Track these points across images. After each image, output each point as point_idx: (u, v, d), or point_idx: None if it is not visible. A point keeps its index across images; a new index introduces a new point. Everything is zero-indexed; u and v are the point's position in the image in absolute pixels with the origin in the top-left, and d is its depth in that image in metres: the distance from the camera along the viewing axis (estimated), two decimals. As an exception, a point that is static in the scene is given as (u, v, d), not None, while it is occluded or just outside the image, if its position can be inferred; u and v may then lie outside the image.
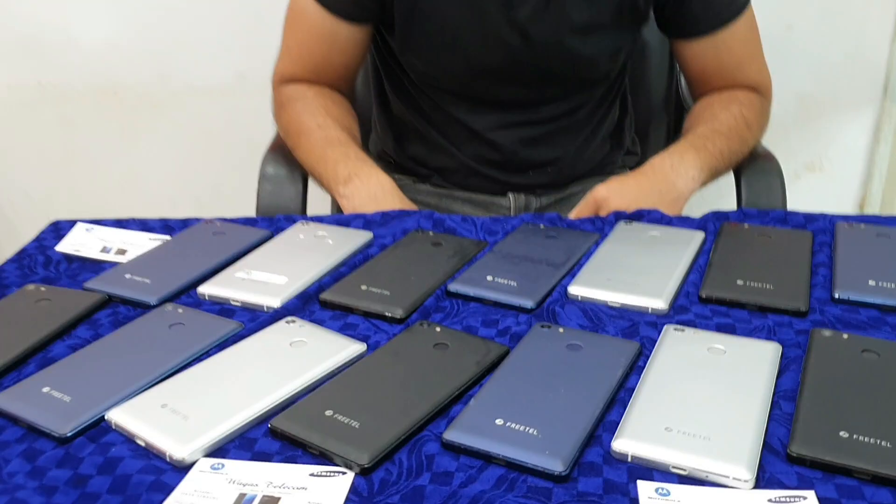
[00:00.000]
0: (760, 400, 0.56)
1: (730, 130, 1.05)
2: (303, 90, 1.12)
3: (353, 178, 0.98)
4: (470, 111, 1.12)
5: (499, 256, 0.78)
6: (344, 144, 1.03)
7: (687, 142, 1.02)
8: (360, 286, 0.72)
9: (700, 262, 0.77)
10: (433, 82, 1.10)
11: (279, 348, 0.63)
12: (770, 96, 1.16)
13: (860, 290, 0.70)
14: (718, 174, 1.04)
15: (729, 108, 1.08)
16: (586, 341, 0.63)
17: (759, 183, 1.12)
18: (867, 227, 0.81)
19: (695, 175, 0.98)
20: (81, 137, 1.75)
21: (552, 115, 1.13)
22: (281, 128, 1.13)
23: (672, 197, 0.96)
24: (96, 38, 1.65)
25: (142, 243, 0.83)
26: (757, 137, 1.12)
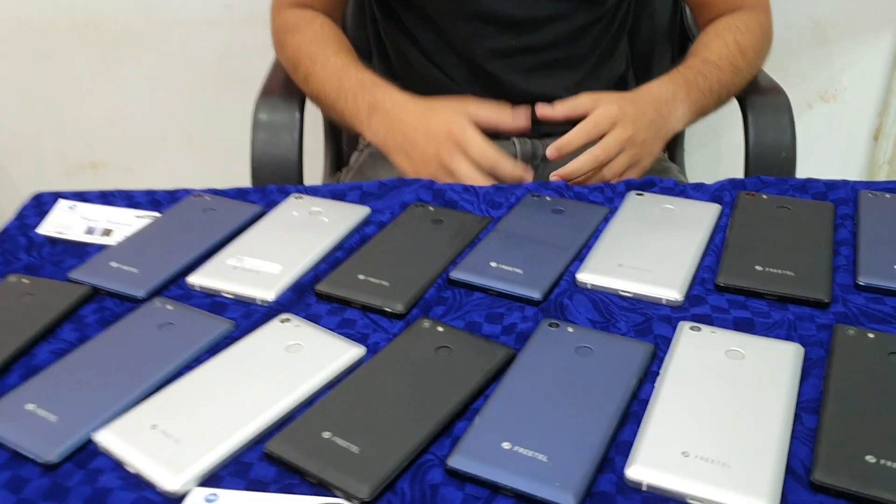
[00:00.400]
0: (782, 415, 0.53)
1: (721, 60, 1.01)
2: (309, 18, 1.09)
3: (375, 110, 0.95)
4: (468, 35, 1.06)
5: (503, 237, 0.74)
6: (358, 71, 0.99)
7: (680, 76, 0.98)
8: (357, 275, 0.69)
9: (716, 241, 0.73)
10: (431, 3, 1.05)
11: (274, 354, 0.60)
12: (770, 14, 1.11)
13: (884, 275, 0.66)
14: (707, 111, 1.02)
15: (723, 36, 1.04)
16: (596, 343, 0.60)
17: (766, 119, 1.08)
18: (892, 196, 0.77)
19: (682, 115, 0.96)
20: (64, 73, 1.67)
21: (551, 40, 1.07)
22: (287, 57, 1.08)
23: (663, 132, 0.94)
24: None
25: (128, 222, 0.79)
26: (754, 63, 1.06)
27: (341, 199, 0.82)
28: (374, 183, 0.84)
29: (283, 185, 0.85)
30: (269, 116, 1.08)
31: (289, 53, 1.07)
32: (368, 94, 0.97)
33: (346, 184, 0.84)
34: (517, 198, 0.81)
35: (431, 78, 1.10)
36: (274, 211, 0.79)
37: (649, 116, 0.91)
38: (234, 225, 0.77)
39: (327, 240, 0.74)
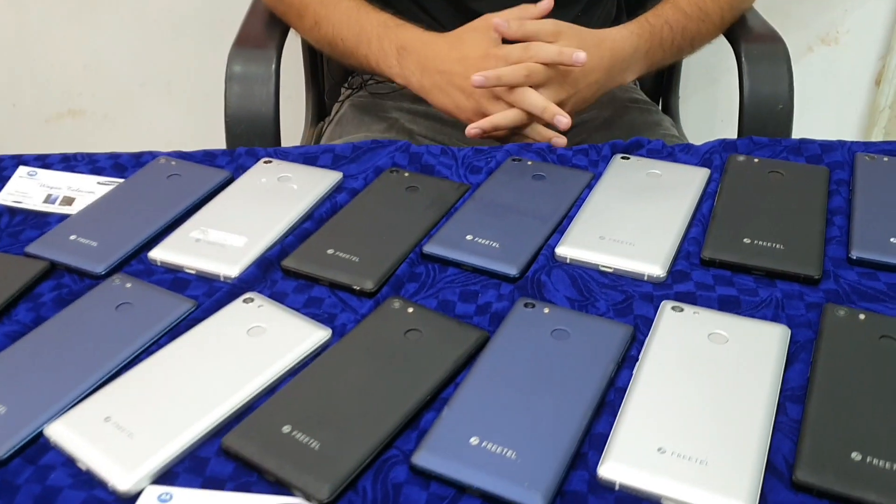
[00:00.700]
0: (765, 406, 0.50)
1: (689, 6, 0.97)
2: None
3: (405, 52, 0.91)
4: None
5: (480, 206, 0.70)
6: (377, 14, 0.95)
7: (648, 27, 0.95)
8: (325, 250, 0.66)
9: (703, 210, 0.69)
10: None
11: (235, 338, 0.57)
12: None
13: (879, 248, 0.63)
14: (667, 61, 0.99)
15: None
16: (573, 325, 0.57)
17: (763, 69, 1.03)
18: (890, 160, 0.73)
19: (636, 70, 0.94)
20: (38, 18, 1.61)
21: None
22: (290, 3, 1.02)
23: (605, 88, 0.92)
24: None
25: (90, 189, 0.76)
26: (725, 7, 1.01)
27: (313, 163, 0.78)
28: (348, 145, 0.80)
29: (252, 148, 0.81)
30: (243, 69, 1.03)
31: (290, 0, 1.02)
32: (395, 36, 0.92)
33: (319, 146, 0.81)
34: (497, 162, 0.77)
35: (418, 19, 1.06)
36: (241, 178, 0.76)
37: (601, 71, 0.88)
38: (199, 193, 0.74)
39: (296, 209, 0.71)
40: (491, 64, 0.86)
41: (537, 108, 0.85)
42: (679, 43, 0.97)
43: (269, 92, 1.03)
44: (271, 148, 0.81)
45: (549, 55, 0.84)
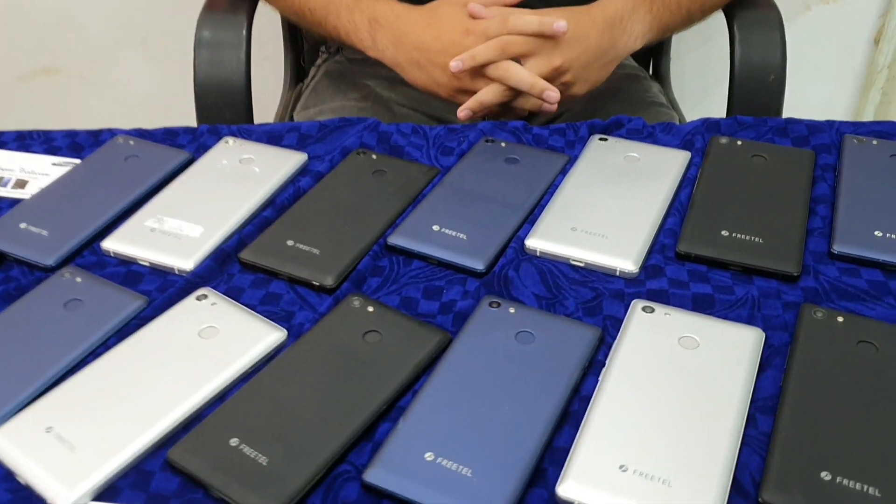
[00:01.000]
0: (734, 420, 0.48)
1: None
2: None
3: (377, 26, 0.87)
4: None
5: (448, 193, 0.67)
6: None
7: None
8: (285, 241, 0.63)
9: (682, 198, 0.66)
10: None
11: (186, 340, 0.55)
12: None
13: (863, 243, 0.60)
14: (674, 29, 0.94)
15: None
16: (539, 327, 0.55)
17: (755, 37, 0.99)
18: (880, 143, 0.70)
19: (641, 32, 0.88)
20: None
21: None
22: None
23: (608, 59, 0.87)
24: None
25: (45, 171, 0.73)
26: None
27: (278, 142, 0.75)
28: (315, 124, 0.77)
29: (215, 126, 0.77)
30: (212, 34, 0.99)
31: None
32: (366, 7, 0.88)
33: (284, 124, 0.77)
34: (469, 143, 0.74)
35: None
36: (202, 159, 0.72)
37: (593, 40, 0.83)
38: (157, 176, 0.70)
39: (256, 195, 0.68)
40: (470, 41, 0.82)
41: (524, 83, 0.81)
42: (688, 5, 0.92)
43: (240, 59, 0.99)
44: (235, 126, 0.77)
45: (529, 26, 0.80)
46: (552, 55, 0.82)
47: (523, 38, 0.81)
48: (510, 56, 0.81)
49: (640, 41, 0.90)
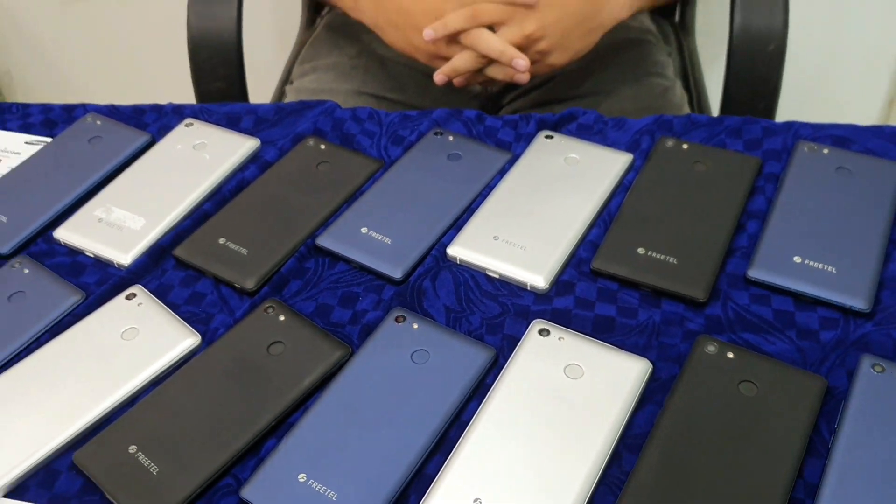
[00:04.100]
0: (595, 459, 0.50)
1: None
2: None
3: None
4: None
5: (385, 191, 0.68)
6: None
7: None
8: (217, 239, 0.66)
9: (612, 207, 0.66)
10: None
11: (108, 341, 0.59)
12: None
13: (779, 269, 0.59)
14: None
15: None
16: (436, 347, 0.57)
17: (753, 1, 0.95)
18: (830, 152, 0.68)
19: (627, 1, 0.87)
20: None
21: None
22: None
23: (590, 27, 0.86)
24: None
25: (17, 149, 0.77)
26: None
27: (235, 125, 0.77)
28: (272, 106, 0.78)
29: (179, 105, 0.80)
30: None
31: None
32: None
33: (242, 105, 0.79)
34: (420, 133, 0.74)
35: None
36: (158, 144, 0.75)
37: (572, 6, 0.81)
38: (115, 160, 0.74)
39: (201, 187, 0.70)
40: (449, 6, 0.82)
41: (494, 51, 0.81)
42: None
43: (231, 14, 1.00)
44: (198, 105, 0.79)
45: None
46: (524, 22, 0.81)
47: (495, 5, 0.80)
48: (482, 24, 0.81)
49: (627, 10, 0.88)
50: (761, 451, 0.50)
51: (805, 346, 0.56)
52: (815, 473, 0.49)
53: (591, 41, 0.87)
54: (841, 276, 0.58)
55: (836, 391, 0.53)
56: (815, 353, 0.55)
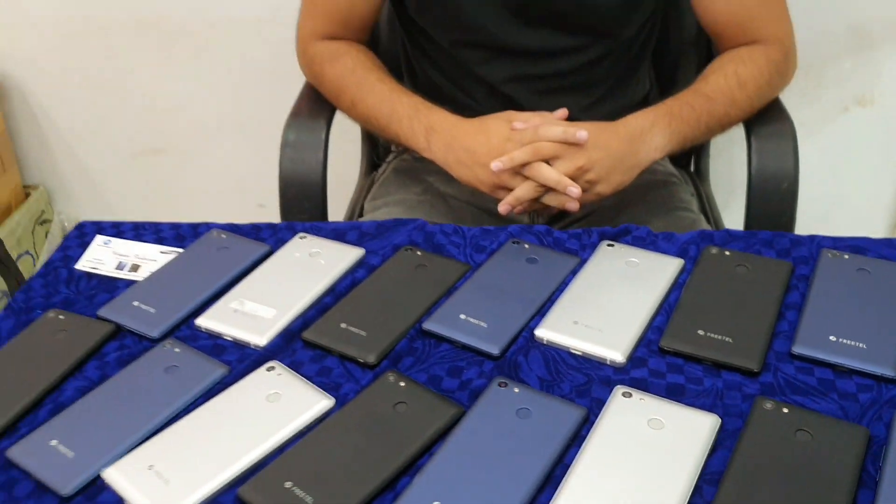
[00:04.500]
0: (682, 489, 0.60)
1: (715, 91, 1.05)
2: (343, 47, 1.17)
3: (433, 133, 1.05)
4: (484, 62, 1.14)
5: (476, 287, 0.81)
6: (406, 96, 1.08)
7: (665, 107, 1.04)
8: (339, 324, 0.78)
9: (671, 300, 0.79)
10: (447, 33, 1.13)
11: (256, 403, 0.70)
12: (787, 50, 1.12)
13: (818, 346, 0.71)
14: (695, 140, 1.06)
15: (724, 68, 1.08)
16: (537, 405, 0.68)
17: (769, 147, 1.11)
18: (851, 257, 0.81)
19: (661, 145, 1.02)
20: (127, 66, 1.79)
21: (568, 68, 1.14)
22: (328, 86, 1.16)
23: (629, 164, 1.01)
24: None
25: (153, 257, 0.90)
26: (755, 96, 1.09)
27: (342, 238, 0.91)
28: (373, 223, 0.92)
29: (292, 223, 0.94)
30: (296, 136, 1.17)
31: (330, 82, 1.15)
32: (424, 118, 1.05)
33: (347, 223, 0.93)
34: (499, 243, 0.88)
35: (453, 97, 1.18)
36: (278, 252, 0.88)
37: (614, 147, 0.97)
38: (242, 265, 0.87)
39: (320, 284, 0.83)
40: (510, 147, 0.98)
41: (551, 180, 0.96)
42: (706, 121, 1.05)
43: (318, 159, 1.16)
44: (308, 223, 0.93)
45: (555, 134, 0.96)
46: (576, 157, 0.97)
47: (552, 143, 0.96)
48: (542, 158, 0.97)
49: (661, 152, 1.03)
50: (820, 484, 0.60)
51: (846, 405, 0.67)
52: (866, 502, 0.59)
53: (631, 176, 1.02)
54: (871, 350, 0.70)
55: (876, 438, 0.64)
56: (854, 411, 0.66)
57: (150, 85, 1.81)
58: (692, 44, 1.33)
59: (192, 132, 1.86)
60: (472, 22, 1.10)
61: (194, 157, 1.90)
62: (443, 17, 1.12)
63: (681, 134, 1.03)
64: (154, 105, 1.84)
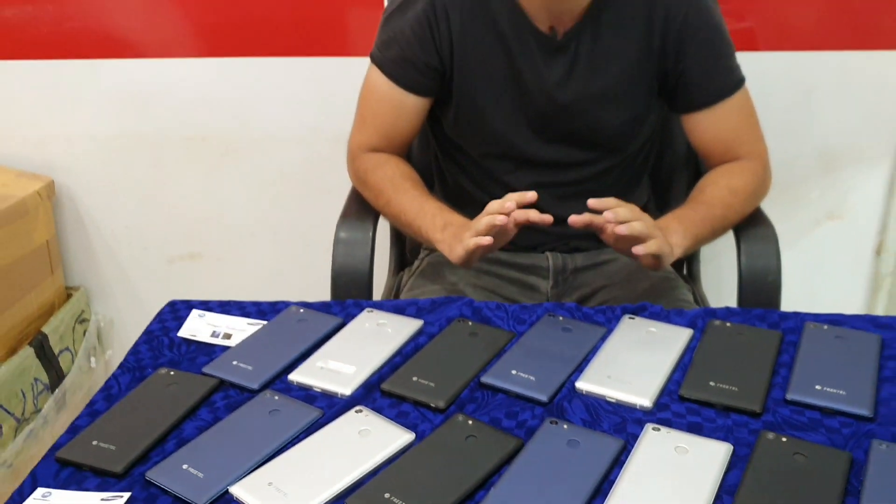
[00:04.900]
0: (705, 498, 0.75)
1: (713, 200, 1.24)
2: (385, 157, 1.36)
3: (448, 227, 1.22)
4: (510, 172, 1.33)
5: (523, 350, 0.98)
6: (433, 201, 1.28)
7: (675, 214, 1.22)
8: (411, 378, 0.93)
9: (685, 360, 0.95)
10: (478, 147, 1.33)
11: (351, 436, 0.85)
12: (766, 164, 1.33)
13: (807, 393, 0.88)
14: (704, 240, 1.24)
15: (717, 181, 1.28)
16: (583, 438, 0.83)
17: (756, 248, 1.29)
18: (829, 328, 0.99)
19: (678, 242, 1.17)
20: (173, 177, 1.98)
21: (581, 178, 1.33)
22: (370, 189, 1.35)
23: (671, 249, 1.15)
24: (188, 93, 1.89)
25: (242, 328, 1.05)
26: (747, 202, 1.29)
27: (402, 312, 1.07)
28: (427, 300, 1.09)
29: (358, 301, 1.10)
30: (347, 234, 1.35)
31: (373, 185, 1.34)
32: (442, 216, 1.24)
33: (406, 300, 1.10)
34: (538, 316, 1.05)
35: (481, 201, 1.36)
36: (351, 323, 1.05)
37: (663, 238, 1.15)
38: (321, 333, 1.03)
39: (389, 347, 0.99)
40: None
41: None
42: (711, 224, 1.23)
43: (366, 254, 1.33)
44: (371, 301, 1.10)
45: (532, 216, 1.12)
46: None
47: None
48: None
49: (680, 249, 1.18)
50: (814, 495, 0.75)
51: (832, 437, 0.83)
52: (853, 505, 0.74)
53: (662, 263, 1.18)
54: (850, 395, 0.87)
55: (857, 461, 0.79)
56: (839, 441, 0.82)
57: (191, 193, 2.00)
58: (683, 164, 1.55)
59: (228, 238, 2.03)
60: (501, 139, 1.31)
61: (227, 261, 2.06)
62: (475, 135, 1.33)
63: (692, 235, 1.20)
64: (193, 212, 2.02)
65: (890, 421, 0.85)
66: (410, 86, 1.31)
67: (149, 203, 2.02)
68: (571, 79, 1.26)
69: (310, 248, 1.93)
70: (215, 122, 1.92)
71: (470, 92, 1.29)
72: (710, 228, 1.24)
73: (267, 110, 1.90)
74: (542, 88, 1.26)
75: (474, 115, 1.31)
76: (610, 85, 1.27)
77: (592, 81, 1.26)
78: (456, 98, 1.31)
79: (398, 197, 1.30)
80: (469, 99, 1.30)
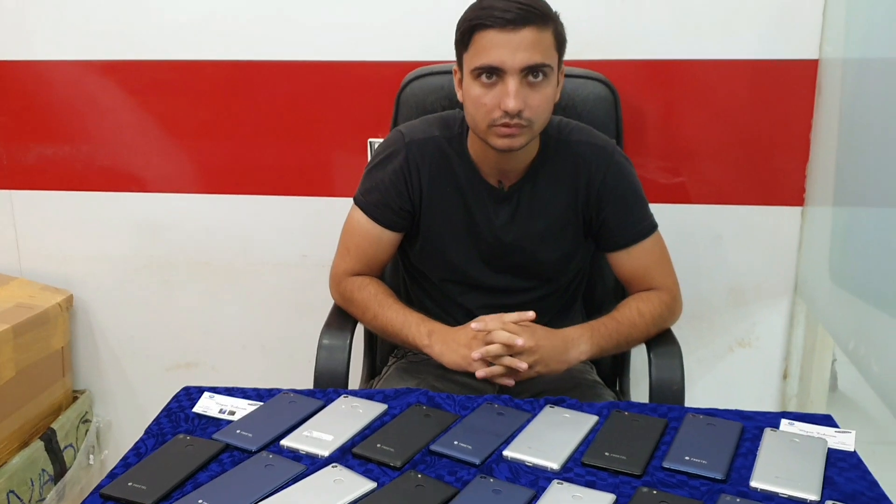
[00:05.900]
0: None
1: (622, 318, 1.56)
2: (367, 280, 1.66)
3: (433, 333, 1.51)
4: (464, 294, 1.64)
5: (465, 428, 1.25)
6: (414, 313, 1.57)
7: (589, 326, 1.54)
8: (377, 444, 1.20)
9: (590, 438, 1.23)
10: (439, 274, 1.64)
11: (327, 483, 1.11)
12: (675, 295, 1.64)
13: (678, 462, 1.15)
14: (608, 350, 1.55)
15: (630, 304, 1.60)
16: (504, 488, 1.09)
17: (663, 362, 1.58)
18: (704, 417, 1.27)
19: (585, 349, 1.50)
20: (178, 296, 2.27)
21: (523, 301, 1.63)
22: (356, 306, 1.64)
23: (562, 358, 1.49)
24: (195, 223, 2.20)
25: (244, 407, 1.32)
26: (651, 323, 1.59)
27: (371, 398, 1.35)
28: (392, 390, 1.37)
29: (337, 389, 1.38)
30: (329, 341, 1.63)
31: (359, 303, 1.63)
32: (427, 326, 1.54)
33: (375, 390, 1.37)
34: (478, 403, 1.32)
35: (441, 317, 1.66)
36: (330, 405, 1.32)
37: (554, 342, 1.46)
38: (307, 412, 1.29)
39: (360, 423, 1.26)
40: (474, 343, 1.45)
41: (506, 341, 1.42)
42: (616, 338, 1.54)
43: (344, 359, 1.61)
44: (348, 390, 1.37)
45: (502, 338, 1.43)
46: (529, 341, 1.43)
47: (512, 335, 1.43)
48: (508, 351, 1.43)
49: (585, 355, 1.50)
50: None
51: (693, 493, 1.10)
52: (699, 537, 1.01)
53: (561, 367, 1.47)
54: (710, 464, 1.14)
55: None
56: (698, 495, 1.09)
57: (192, 310, 2.28)
58: (612, 292, 1.86)
59: (222, 349, 2.30)
60: (458, 268, 1.62)
61: (220, 370, 2.32)
62: (437, 264, 1.64)
63: (598, 345, 1.52)
64: (192, 326, 2.29)
65: (738, 482, 1.12)
66: (387, 224, 1.62)
67: (154, 317, 2.30)
68: (514, 222, 1.59)
69: (294, 358, 2.20)
70: (218, 249, 2.23)
71: (434, 230, 1.61)
72: (615, 343, 1.55)
73: (263, 239, 2.21)
74: (491, 230, 1.59)
75: (436, 249, 1.62)
76: (545, 228, 1.59)
77: (531, 225, 1.59)
78: (422, 234, 1.63)
79: (383, 311, 1.59)
80: (433, 236, 1.62)
